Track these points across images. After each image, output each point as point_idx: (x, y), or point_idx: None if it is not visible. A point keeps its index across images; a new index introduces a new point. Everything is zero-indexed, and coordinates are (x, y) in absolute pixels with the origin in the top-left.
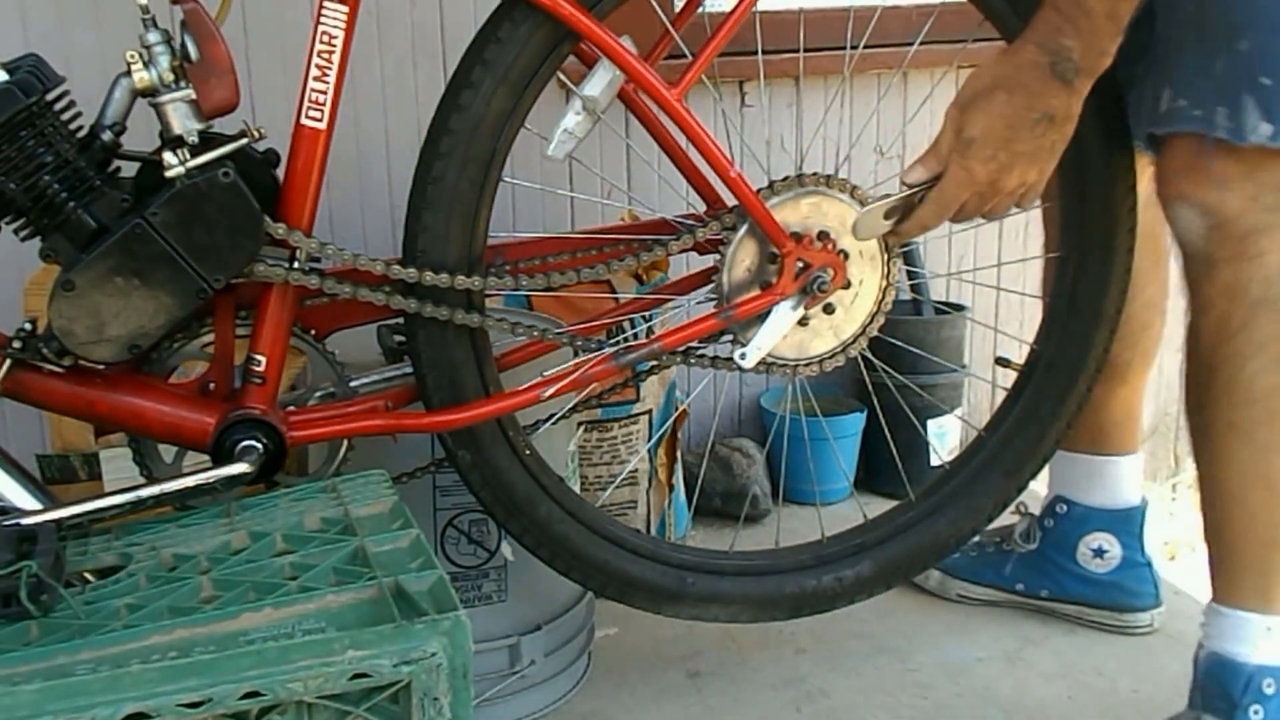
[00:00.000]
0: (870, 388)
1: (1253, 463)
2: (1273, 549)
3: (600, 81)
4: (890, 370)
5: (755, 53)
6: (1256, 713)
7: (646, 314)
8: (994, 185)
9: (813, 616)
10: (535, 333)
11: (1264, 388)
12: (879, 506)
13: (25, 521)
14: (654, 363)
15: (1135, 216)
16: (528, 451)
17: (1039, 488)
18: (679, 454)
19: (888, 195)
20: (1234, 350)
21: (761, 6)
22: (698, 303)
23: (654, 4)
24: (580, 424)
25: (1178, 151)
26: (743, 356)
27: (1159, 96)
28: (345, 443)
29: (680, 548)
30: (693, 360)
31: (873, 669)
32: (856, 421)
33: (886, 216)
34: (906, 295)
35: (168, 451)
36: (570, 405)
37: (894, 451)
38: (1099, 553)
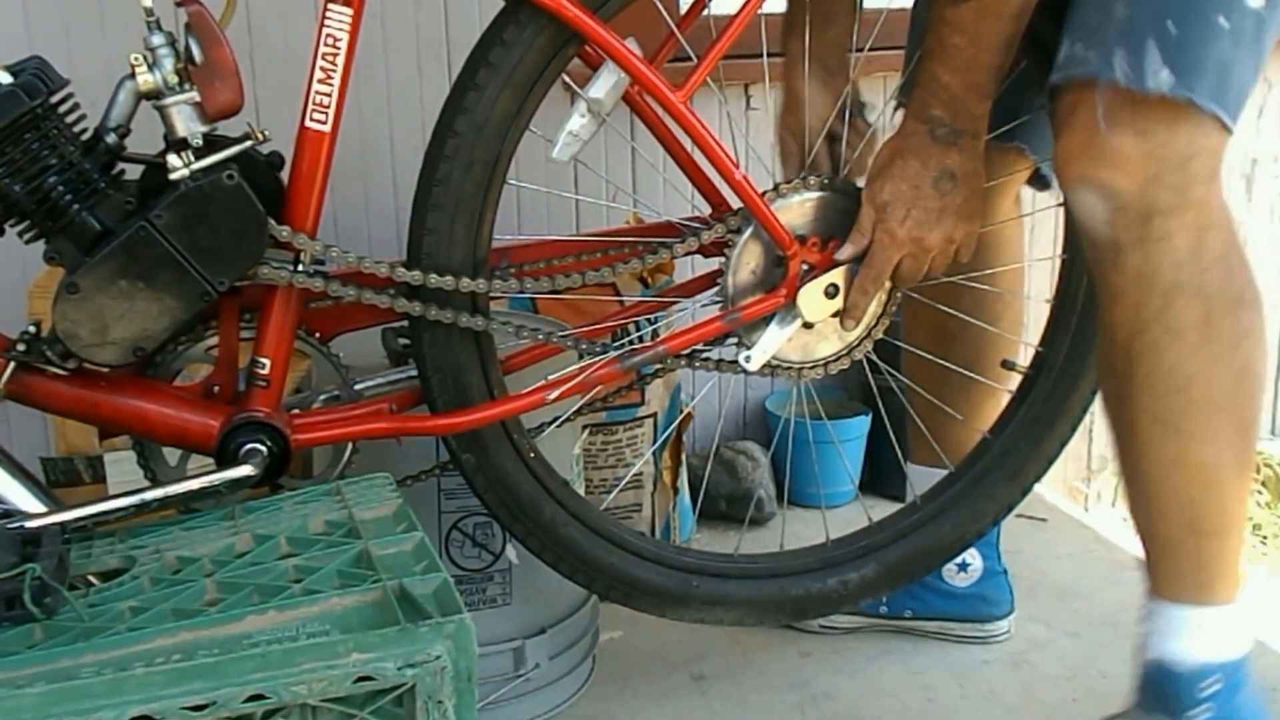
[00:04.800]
0: (875, 390)
1: (1179, 454)
2: (1205, 539)
3: (605, 84)
4: (895, 373)
5: (760, 55)
6: (1207, 710)
7: (651, 317)
8: (919, 243)
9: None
10: (540, 335)
11: (1185, 375)
12: (884, 509)
13: (29, 524)
14: (659, 365)
15: None
16: (532, 454)
17: None
18: (684, 457)
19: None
20: (1151, 340)
21: (767, 9)
22: (703, 305)
23: (659, 6)
24: (585, 427)
25: (1076, 129)
26: (748, 359)
27: (1061, 50)
28: (350, 445)
29: (685, 551)
30: (698, 363)
31: (878, 671)
32: (861, 424)
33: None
34: None
35: (172, 454)
36: (575, 408)
37: (899, 454)
38: (963, 566)
